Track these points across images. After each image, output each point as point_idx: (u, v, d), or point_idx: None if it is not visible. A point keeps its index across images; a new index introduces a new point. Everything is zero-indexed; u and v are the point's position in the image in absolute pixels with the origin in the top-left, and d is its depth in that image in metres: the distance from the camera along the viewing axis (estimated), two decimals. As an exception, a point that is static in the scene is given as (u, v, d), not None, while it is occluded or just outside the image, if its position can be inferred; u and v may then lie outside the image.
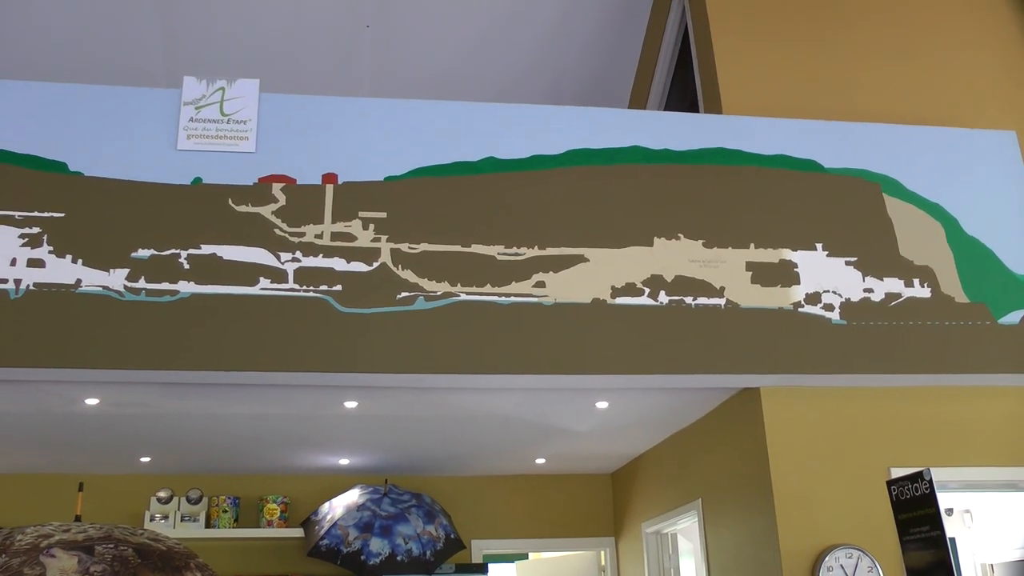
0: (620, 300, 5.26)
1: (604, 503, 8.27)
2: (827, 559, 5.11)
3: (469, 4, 8.13)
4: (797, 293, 5.42)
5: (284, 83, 6.65)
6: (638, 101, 8.65)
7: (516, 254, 5.25)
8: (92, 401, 5.68)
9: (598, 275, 5.30)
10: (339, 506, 7.12)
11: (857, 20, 6.92)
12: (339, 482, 7.69)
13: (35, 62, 8.02)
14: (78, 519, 3.86)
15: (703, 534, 6.18)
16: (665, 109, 8.20)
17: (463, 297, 5.10)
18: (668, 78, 8.19)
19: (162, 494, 7.38)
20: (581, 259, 5.31)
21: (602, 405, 5.98)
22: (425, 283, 5.08)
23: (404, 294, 5.05)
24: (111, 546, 3.36)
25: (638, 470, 7.63)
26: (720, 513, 5.99)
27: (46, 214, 5.10)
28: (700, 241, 5.46)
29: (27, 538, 3.40)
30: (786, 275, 5.46)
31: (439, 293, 5.08)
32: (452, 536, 7.15)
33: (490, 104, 5.70)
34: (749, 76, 6.55)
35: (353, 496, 7.20)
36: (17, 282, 4.97)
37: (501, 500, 8.06)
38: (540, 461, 7.63)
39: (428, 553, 6.91)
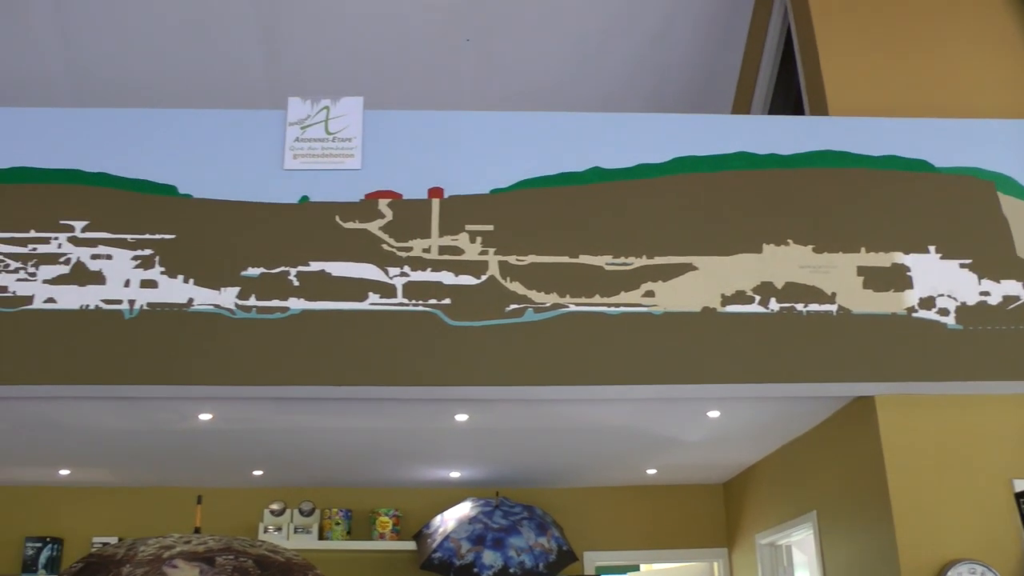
0: (730, 308, 5.18)
1: (716, 514, 8.15)
2: (949, 574, 4.95)
3: (568, 15, 8.11)
4: (910, 298, 5.28)
5: (387, 99, 6.71)
6: (741, 105, 8.55)
7: (624, 264, 5.21)
8: (205, 417, 5.79)
9: (707, 283, 5.24)
10: (451, 519, 7.13)
11: (964, 13, 6.74)
12: (450, 495, 7.71)
13: (142, 89, 8.20)
14: (197, 531, 3.92)
15: (819, 547, 6.06)
16: (769, 113, 8.09)
17: (572, 308, 5.08)
18: (772, 81, 8.08)
19: (275, 507, 7.48)
20: (690, 267, 5.25)
21: (713, 415, 5.90)
22: (534, 295, 5.07)
23: (513, 306, 5.04)
24: (231, 557, 3.41)
25: (750, 480, 7.52)
26: (836, 526, 5.86)
27: (157, 236, 5.22)
28: (810, 246, 5.36)
29: (150, 549, 3.47)
30: (899, 279, 5.32)
31: (548, 304, 5.07)
32: (564, 548, 7.11)
33: (594, 114, 5.67)
34: (855, 75, 6.42)
35: (465, 509, 7.21)
36: (131, 302, 5.09)
37: (612, 511, 7.99)
38: (651, 471, 7.56)
39: (540, 565, 6.89)
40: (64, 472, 7.37)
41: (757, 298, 5.22)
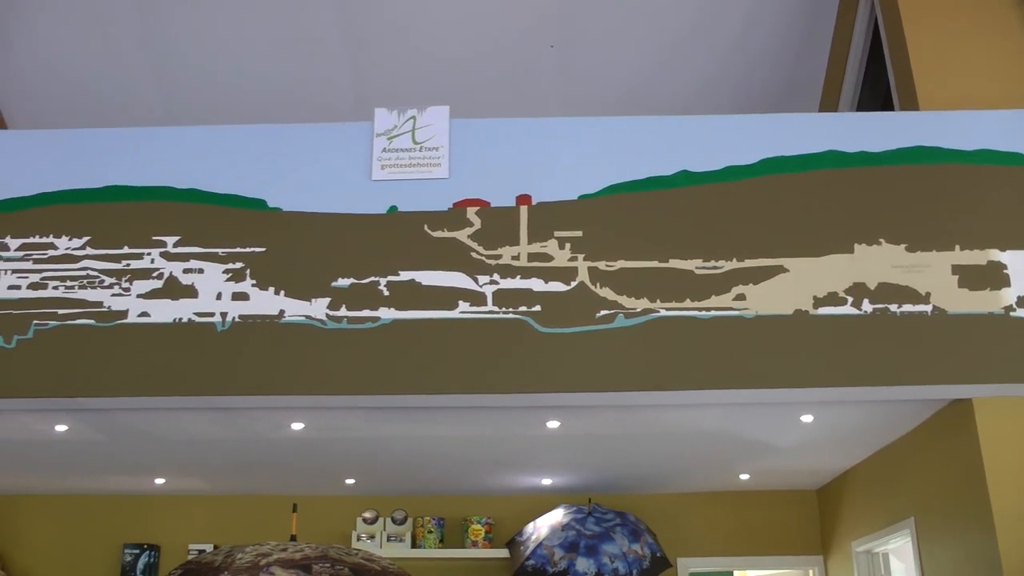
0: (822, 310, 5.10)
1: (811, 520, 8.02)
2: (1056, 580, 4.81)
3: (651, 18, 8.06)
4: (1008, 296, 5.13)
5: (472, 108, 6.71)
6: (829, 103, 8.42)
7: (715, 267, 5.15)
8: (298, 426, 5.85)
9: (799, 285, 5.15)
10: (543, 526, 7.12)
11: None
12: (542, 502, 7.69)
13: (230, 106, 8.32)
14: (293, 539, 3.95)
15: (917, 554, 5.93)
16: (858, 109, 7.95)
17: (663, 313, 5.03)
18: (859, 77, 7.94)
19: (368, 515, 7.53)
20: (780, 270, 5.18)
21: (807, 419, 5.81)
22: (624, 300, 5.04)
23: (603, 312, 5.01)
24: (327, 565, 3.44)
25: (845, 486, 7.39)
26: (935, 532, 5.73)
27: (248, 249, 5.29)
28: (902, 245, 5.25)
29: (247, 556, 3.50)
30: (995, 277, 5.18)
31: (638, 310, 5.03)
32: (658, 554, 7.06)
33: (681, 117, 5.62)
34: (945, 67, 6.27)
35: (557, 516, 7.18)
36: (223, 315, 5.17)
37: (705, 517, 7.91)
38: (744, 477, 7.48)
39: (634, 572, 6.84)
40: (159, 481, 7.50)
41: (850, 299, 5.12)
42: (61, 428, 6.01)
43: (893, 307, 5.11)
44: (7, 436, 6.23)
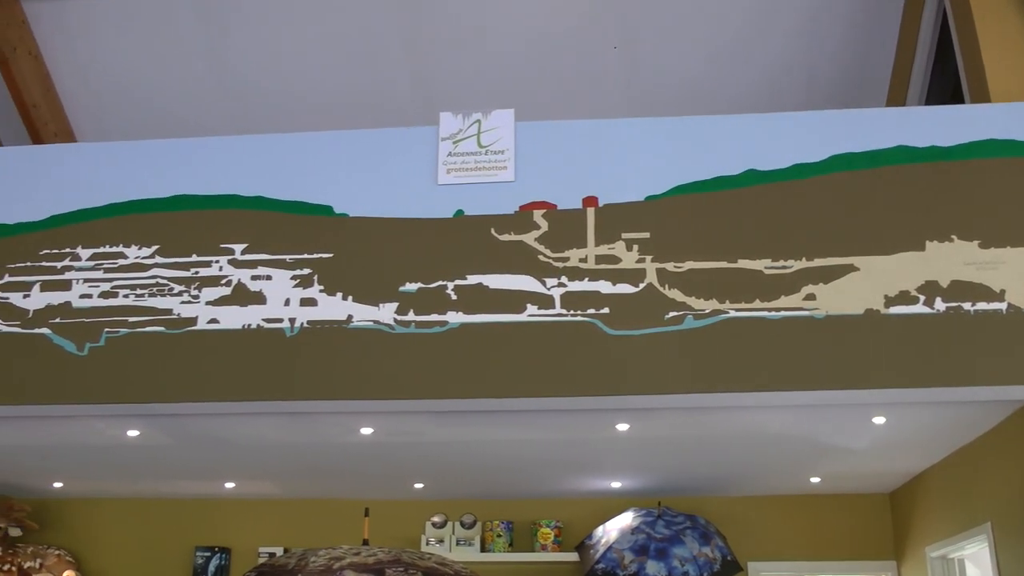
0: (894, 309, 5.00)
1: (883, 524, 7.91)
2: None
3: (714, 16, 8.00)
4: (1088, 293, 5.02)
5: (536, 110, 6.70)
6: (896, 97, 8.30)
7: (784, 267, 5.08)
8: (367, 431, 5.87)
9: (869, 284, 5.05)
10: (613, 529, 7.08)
11: None
12: (611, 505, 7.65)
13: (293, 113, 8.38)
14: (366, 543, 3.96)
15: (995, 561, 5.81)
16: (926, 103, 7.83)
17: (732, 314, 4.96)
18: (928, 69, 7.81)
19: (436, 519, 7.54)
20: (851, 268, 5.08)
21: (879, 421, 5.72)
22: (693, 301, 4.98)
23: (672, 313, 4.96)
24: (400, 569, 3.44)
25: (919, 490, 7.27)
26: (1014, 539, 5.61)
27: (315, 255, 5.31)
28: (975, 242, 5.13)
29: (320, 560, 3.52)
30: (1074, 273, 5.06)
31: (707, 311, 4.96)
32: (728, 558, 7.00)
33: (747, 115, 5.55)
34: (1017, 58, 6.13)
35: (627, 519, 7.15)
36: (291, 321, 5.19)
37: (776, 521, 7.83)
38: (815, 480, 7.38)
39: (705, 575, 6.79)
40: (230, 485, 7.58)
41: (922, 298, 5.02)
42: (133, 433, 6.10)
43: (967, 305, 4.99)
44: (82, 441, 6.34)
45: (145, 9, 8.08)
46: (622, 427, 5.70)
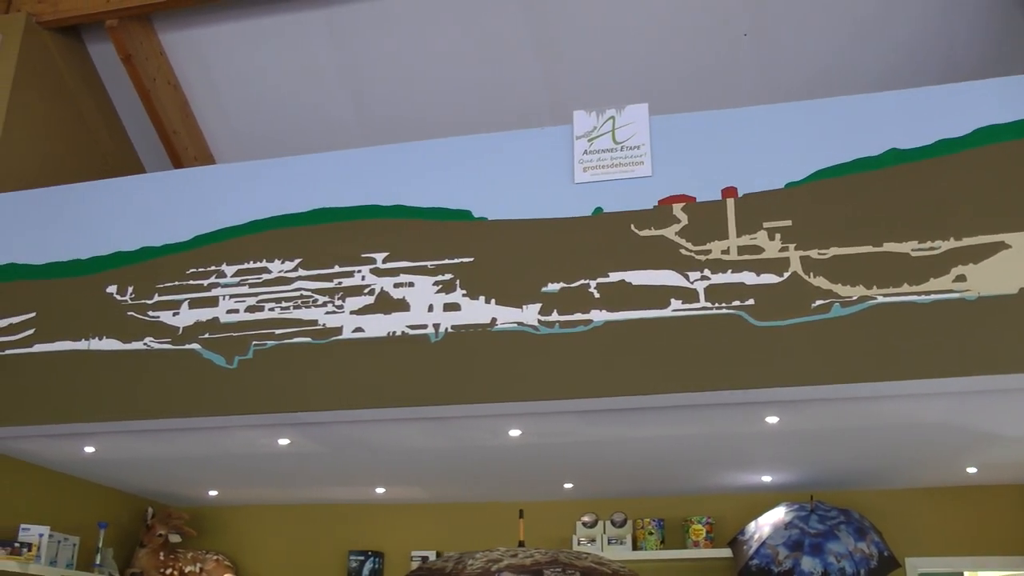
0: (1051, 287, 4.80)
1: (1048, 514, 7.61)
2: None
3: (843, -5, 7.81)
4: None
5: (668, 103, 6.63)
6: (1043, 65, 7.99)
7: (931, 248, 4.91)
8: (515, 433, 5.88)
9: (1023, 261, 4.87)
10: (766, 524, 6.97)
11: None
12: (762, 500, 7.52)
13: (424, 120, 8.45)
14: (522, 544, 3.97)
15: None
16: (1075, 68, 7.52)
17: (880, 299, 4.82)
18: (1075, 34, 7.50)
19: (587, 518, 7.52)
20: (1002, 246, 4.89)
21: (1041, 405, 5.51)
22: (839, 288, 4.85)
23: (819, 302, 4.84)
24: (558, 570, 3.43)
25: (1086, 476, 6.98)
26: None
27: (456, 260, 5.35)
28: None
29: (477, 563, 3.53)
30: None
31: (854, 298, 4.83)
32: (885, 553, 6.80)
33: (886, 93, 5.39)
34: None
35: (779, 514, 7.02)
36: (436, 326, 5.24)
37: (932, 514, 7.55)
38: (971, 471, 7.12)
39: (862, 572, 6.62)
40: (380, 490, 7.67)
41: (1081, 274, 4.81)
42: (284, 442, 6.22)
43: None
44: (235, 450, 6.49)
45: (276, 30, 8.25)
46: (772, 420, 5.60)
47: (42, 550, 6.56)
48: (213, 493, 8.01)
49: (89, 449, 6.55)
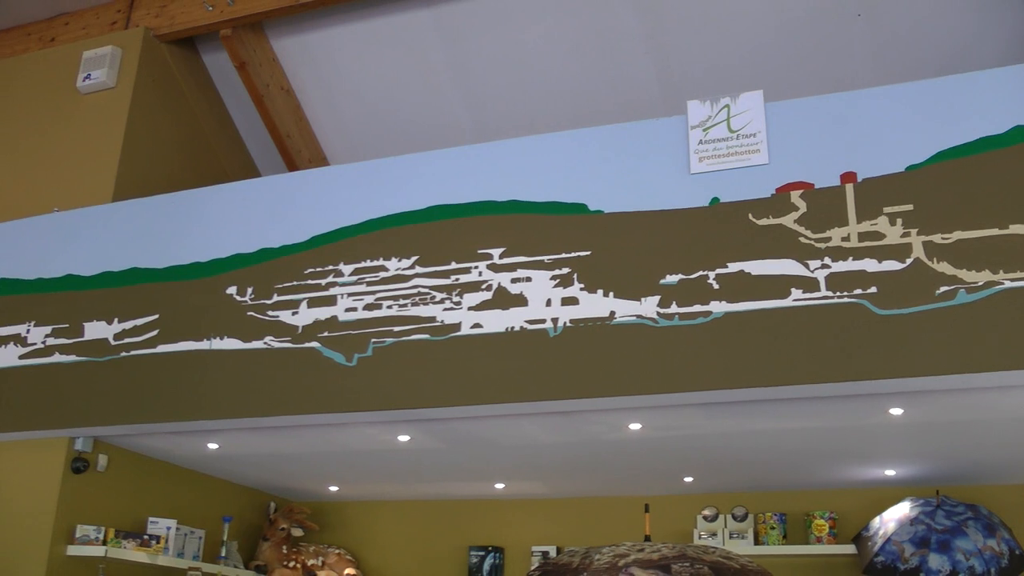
0: None
1: None
2: None
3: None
4: None
5: (783, 88, 6.54)
6: None
7: (1062, 229, 4.75)
8: (635, 426, 5.85)
9: None
10: (891, 520, 6.81)
11: None
12: (886, 494, 7.35)
13: (537, 115, 8.46)
14: (647, 539, 3.94)
15: None
16: None
17: (1007, 284, 4.65)
18: None
19: (707, 512, 7.45)
20: None
21: None
22: (964, 274, 4.71)
23: (943, 288, 4.71)
24: (687, 564, 3.40)
25: None
26: None
27: (573, 254, 5.35)
28: None
29: (604, 558, 3.52)
30: None
31: (980, 283, 4.68)
32: (1017, 552, 6.59)
33: (1009, 68, 5.10)
34: None
35: (904, 509, 6.86)
36: (554, 320, 5.24)
37: (1066, 509, 7.32)
38: (1107, 462, 6.88)
39: (992, 570, 6.43)
40: (500, 486, 7.70)
41: None
42: (404, 438, 6.28)
43: None
44: (356, 447, 6.58)
45: (384, 31, 8.35)
46: (896, 411, 5.47)
47: (170, 543, 6.76)
48: (334, 488, 8.13)
49: (212, 446, 6.71)
